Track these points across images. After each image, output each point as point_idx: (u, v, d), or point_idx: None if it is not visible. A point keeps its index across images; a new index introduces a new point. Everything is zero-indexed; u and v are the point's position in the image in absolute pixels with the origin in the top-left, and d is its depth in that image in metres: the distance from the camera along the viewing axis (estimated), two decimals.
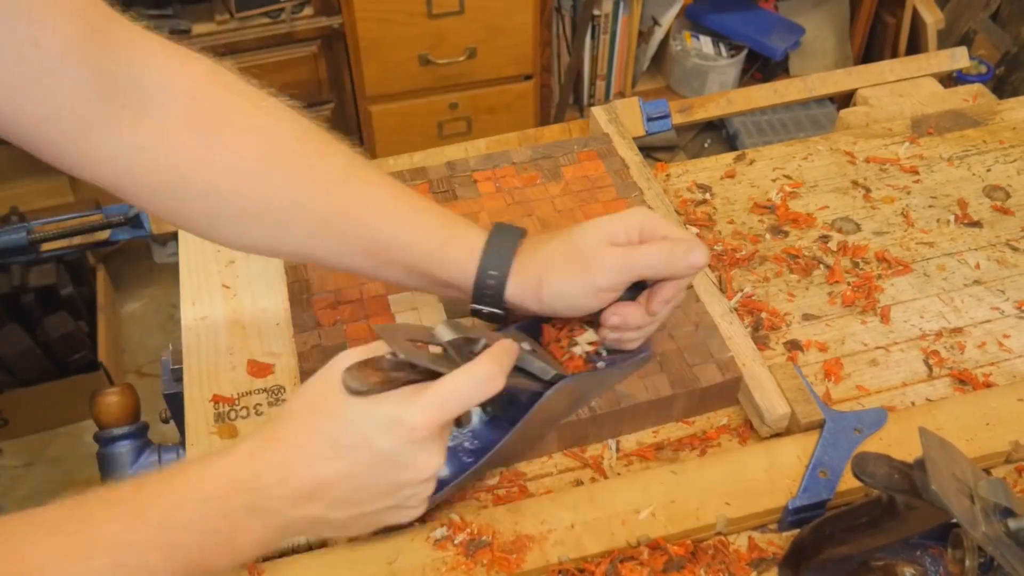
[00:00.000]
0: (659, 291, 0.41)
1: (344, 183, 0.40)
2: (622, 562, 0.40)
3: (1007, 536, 0.33)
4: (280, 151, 0.39)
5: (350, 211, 0.40)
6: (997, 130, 0.63)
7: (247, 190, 0.39)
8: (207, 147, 0.38)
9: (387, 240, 0.40)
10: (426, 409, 0.32)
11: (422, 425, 0.32)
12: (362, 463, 0.33)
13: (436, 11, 1.20)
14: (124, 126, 0.37)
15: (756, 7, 1.51)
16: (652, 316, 0.41)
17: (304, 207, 0.39)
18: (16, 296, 1.12)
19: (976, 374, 0.49)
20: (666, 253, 0.39)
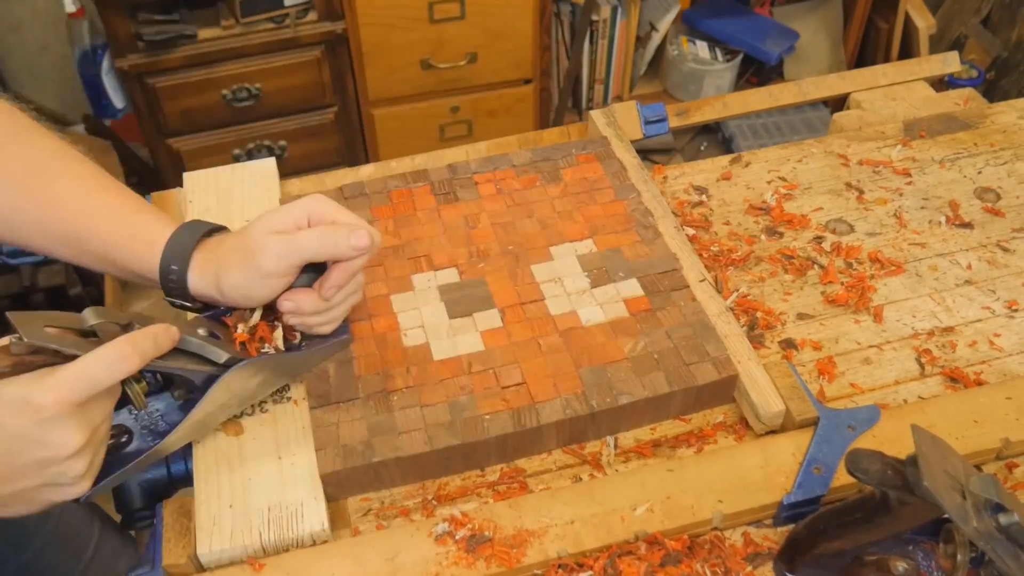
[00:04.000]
0: (327, 276, 0.43)
1: (39, 174, 0.42)
2: (620, 557, 0.40)
3: (998, 531, 0.34)
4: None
5: (42, 200, 0.42)
6: (988, 133, 0.64)
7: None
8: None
9: (78, 231, 0.42)
10: (54, 388, 0.34)
11: (51, 403, 0.33)
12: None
13: (438, 16, 1.21)
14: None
15: (751, 13, 1.53)
16: (327, 301, 0.43)
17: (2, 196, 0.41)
18: (25, 296, 1.12)
19: (967, 372, 0.49)
20: (327, 236, 0.41)
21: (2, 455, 0.34)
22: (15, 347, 0.34)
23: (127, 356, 0.35)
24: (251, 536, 0.41)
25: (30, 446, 0.34)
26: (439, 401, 0.45)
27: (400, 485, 0.45)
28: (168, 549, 0.41)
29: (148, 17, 1.15)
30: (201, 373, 0.41)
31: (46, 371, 0.34)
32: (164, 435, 0.41)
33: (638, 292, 0.51)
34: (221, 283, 0.42)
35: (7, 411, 0.34)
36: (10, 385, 0.34)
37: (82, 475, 0.36)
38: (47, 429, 0.34)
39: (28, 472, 0.35)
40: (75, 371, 0.34)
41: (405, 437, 0.44)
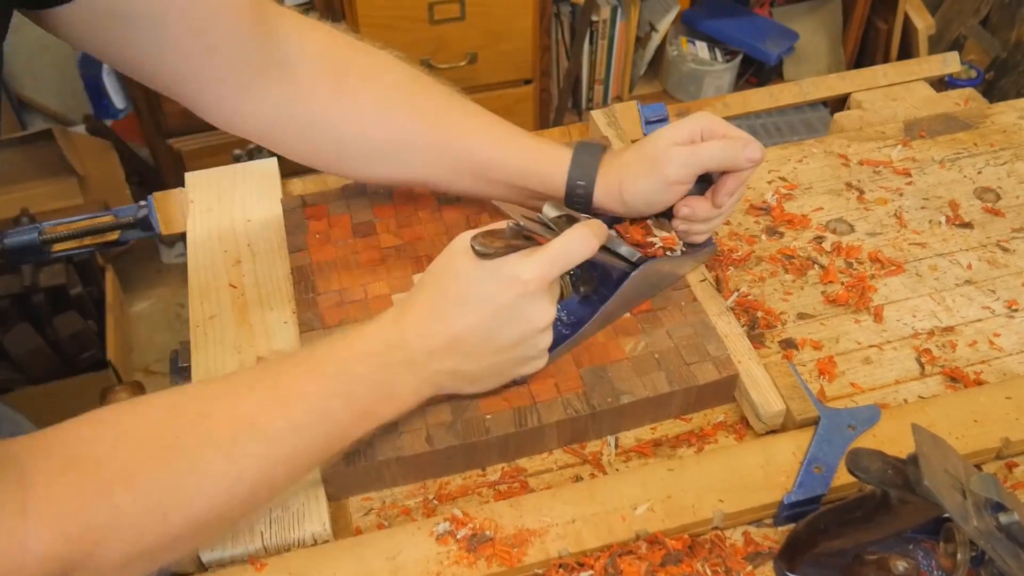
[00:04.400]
0: (722, 185, 0.47)
1: (447, 117, 0.48)
2: (621, 556, 0.40)
3: (998, 530, 0.34)
4: (393, 95, 0.47)
5: (455, 139, 0.48)
6: (987, 133, 0.64)
7: (369, 130, 0.47)
8: (336, 97, 0.46)
9: (488, 161, 0.47)
10: (538, 265, 0.39)
11: (535, 279, 0.39)
12: (487, 316, 0.39)
13: (438, 17, 1.21)
14: (273, 84, 0.45)
15: (751, 13, 1.53)
16: (718, 208, 0.47)
17: (417, 140, 0.47)
18: (27, 296, 1.12)
19: (967, 372, 0.49)
20: (727, 147, 0.45)
21: (490, 328, 0.39)
22: (509, 231, 0.39)
23: (589, 238, 0.40)
24: (252, 536, 0.41)
25: (515, 319, 0.39)
26: (440, 401, 0.45)
27: (401, 485, 0.45)
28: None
29: None
30: (619, 268, 0.46)
31: (528, 251, 0.39)
32: (572, 326, 0.46)
33: None
34: (625, 192, 0.46)
35: (499, 286, 0.39)
36: (504, 263, 0.39)
37: (545, 348, 0.42)
38: (530, 302, 0.39)
39: (508, 344, 0.40)
40: (553, 249, 0.39)
41: (406, 437, 0.44)
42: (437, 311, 0.39)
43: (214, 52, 0.42)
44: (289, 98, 0.46)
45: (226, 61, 0.43)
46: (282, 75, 0.45)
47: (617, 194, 0.46)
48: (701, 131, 0.46)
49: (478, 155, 0.47)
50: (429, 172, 0.48)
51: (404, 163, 0.48)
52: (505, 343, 0.40)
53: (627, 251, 0.46)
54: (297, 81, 0.46)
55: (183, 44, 0.41)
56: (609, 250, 0.45)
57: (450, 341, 0.39)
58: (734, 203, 0.48)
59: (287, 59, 0.45)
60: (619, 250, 0.46)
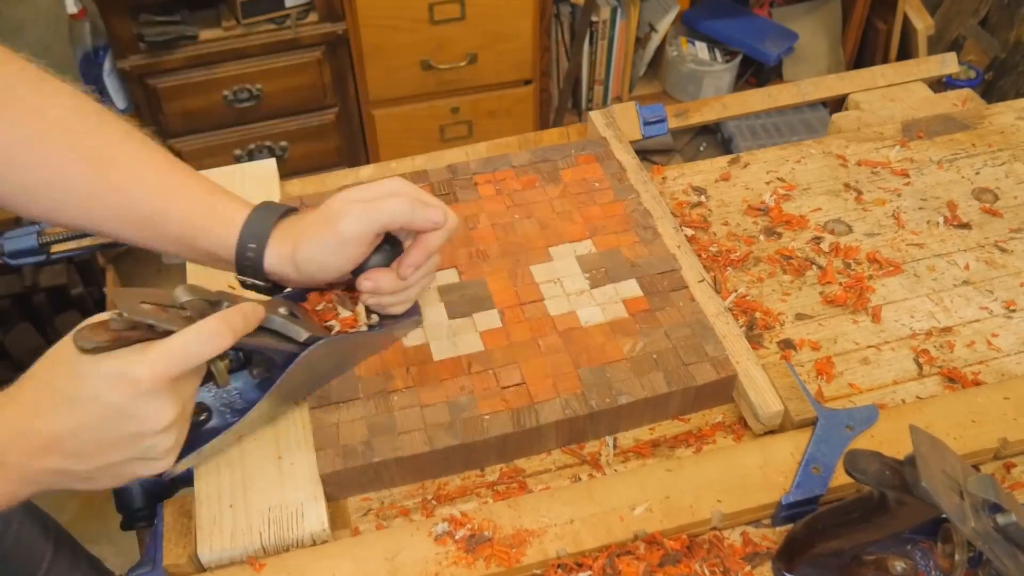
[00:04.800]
0: (406, 255, 0.44)
1: (112, 159, 0.42)
2: (619, 556, 0.40)
3: (995, 531, 0.34)
4: (52, 132, 0.42)
5: (116, 185, 0.42)
6: (986, 134, 0.64)
7: (21, 168, 0.41)
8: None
9: (153, 213, 0.43)
10: (151, 363, 0.35)
11: (147, 378, 0.34)
12: (93, 416, 0.35)
13: (438, 18, 1.21)
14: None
15: (750, 14, 1.53)
16: (404, 280, 0.44)
17: (74, 181, 0.42)
18: (27, 296, 1.13)
19: (965, 372, 0.49)
20: (407, 204, 0.42)
21: (97, 429, 0.35)
22: (115, 323, 0.35)
23: (221, 333, 0.36)
24: (251, 536, 0.41)
25: (124, 419, 0.35)
26: (439, 401, 0.45)
27: (400, 485, 0.45)
28: (169, 549, 0.41)
29: (149, 18, 1.16)
30: (283, 351, 0.42)
31: (142, 346, 0.35)
32: (243, 412, 0.42)
33: (637, 292, 0.51)
34: (298, 255, 0.42)
35: (105, 384, 0.34)
36: (109, 360, 0.34)
37: (170, 449, 0.37)
38: (142, 403, 0.35)
39: (120, 445, 0.36)
40: (171, 346, 0.35)
41: (405, 437, 0.44)
42: (39, 408, 0.35)
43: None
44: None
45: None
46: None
47: (290, 260, 0.42)
48: (388, 192, 0.43)
49: (143, 205, 0.42)
50: (90, 218, 0.43)
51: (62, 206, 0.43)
52: (115, 444, 0.36)
53: (294, 332, 0.41)
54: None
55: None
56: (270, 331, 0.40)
57: (50, 441, 0.35)
58: (424, 276, 0.45)
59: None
60: (284, 331, 0.41)
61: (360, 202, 0.42)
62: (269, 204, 0.44)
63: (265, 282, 0.44)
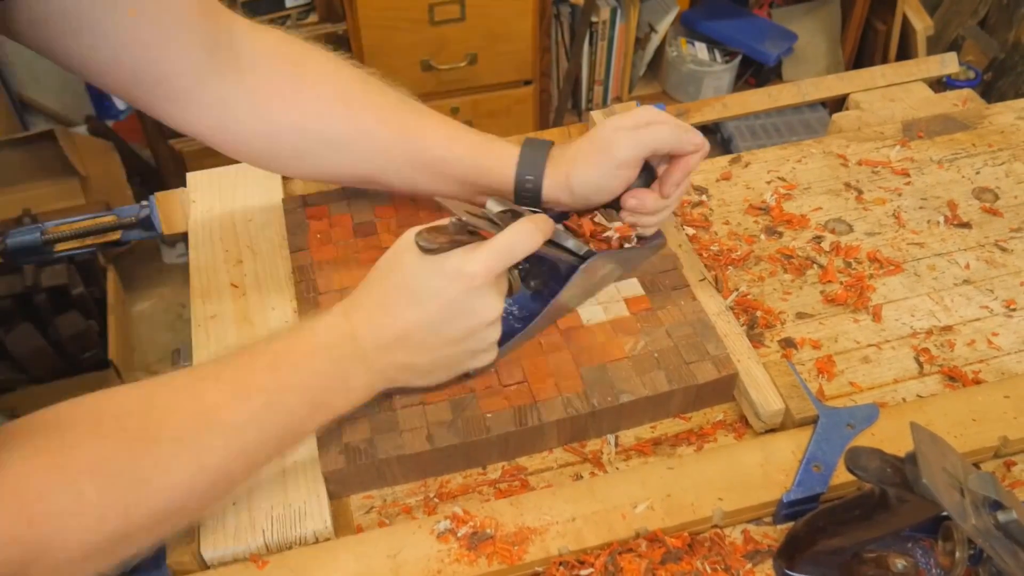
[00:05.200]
0: (669, 175, 0.48)
1: (401, 113, 0.49)
2: (621, 554, 0.41)
3: (996, 528, 0.34)
4: (350, 91, 0.48)
5: (409, 135, 0.48)
6: (985, 134, 0.64)
7: (328, 123, 0.47)
8: (294, 92, 0.47)
9: (440, 156, 0.48)
10: (483, 259, 0.39)
11: (480, 272, 0.39)
12: (434, 310, 0.39)
13: (438, 18, 1.21)
14: (228, 80, 0.45)
15: (750, 14, 1.53)
16: (665, 200, 0.48)
17: (372, 134, 0.48)
18: (29, 296, 1.13)
19: (966, 371, 0.50)
20: (672, 130, 0.46)
21: (438, 322, 0.40)
22: (453, 227, 0.39)
23: (533, 232, 0.40)
24: (254, 534, 0.41)
25: (463, 313, 0.40)
26: (441, 399, 0.45)
27: (402, 483, 0.45)
28: (172, 547, 0.41)
29: None
30: (567, 261, 0.46)
31: (473, 246, 0.40)
32: (523, 320, 0.46)
33: (638, 291, 0.51)
34: (572, 180, 0.46)
35: (446, 281, 0.39)
36: (448, 258, 0.39)
37: (494, 342, 0.42)
38: (477, 296, 0.40)
39: (457, 338, 0.41)
40: (497, 244, 0.40)
41: (407, 435, 0.44)
42: (385, 306, 0.40)
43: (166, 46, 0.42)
44: (245, 96, 0.46)
45: (179, 56, 0.42)
46: (237, 71, 0.45)
47: (565, 185, 0.47)
48: (647, 120, 0.47)
49: (430, 150, 0.48)
50: (384, 167, 0.49)
51: (360, 158, 0.48)
52: (453, 337, 0.40)
53: (574, 245, 0.46)
54: (253, 78, 0.46)
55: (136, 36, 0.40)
56: (556, 244, 0.45)
57: (399, 335, 0.40)
58: (680, 194, 0.49)
59: (241, 55, 0.45)
60: (566, 244, 0.46)
61: (628, 129, 0.46)
62: (534, 141, 0.48)
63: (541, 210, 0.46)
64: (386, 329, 0.39)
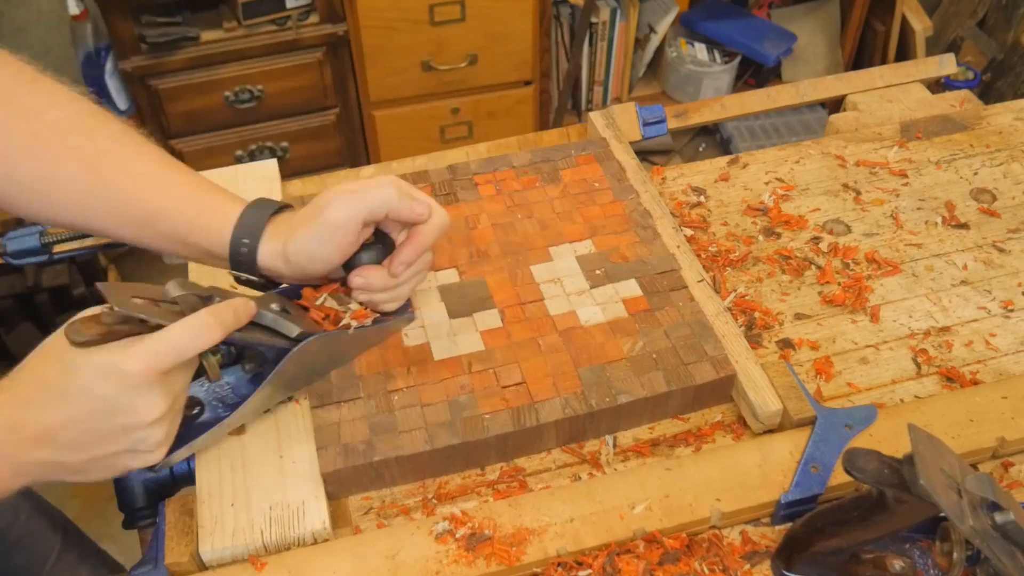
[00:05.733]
0: (398, 252, 0.44)
1: (109, 159, 0.43)
2: (619, 555, 0.41)
3: (993, 529, 0.34)
4: (48, 132, 0.42)
5: (113, 184, 0.43)
6: (984, 135, 0.65)
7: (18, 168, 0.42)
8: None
9: (149, 212, 0.43)
10: (141, 355, 0.35)
11: (138, 371, 0.35)
12: (85, 408, 0.35)
13: (438, 19, 1.21)
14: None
15: (749, 15, 1.53)
16: (395, 278, 0.44)
17: (70, 181, 0.43)
18: (30, 296, 1.13)
19: (963, 372, 0.50)
20: (393, 192, 0.42)
21: (88, 421, 0.36)
22: (106, 317, 0.35)
23: (211, 327, 0.37)
24: (253, 535, 0.41)
25: (117, 412, 0.36)
26: (439, 400, 0.46)
27: (401, 484, 0.45)
28: (171, 548, 0.41)
29: (151, 19, 1.16)
30: (274, 346, 0.42)
31: (134, 339, 0.36)
32: (235, 406, 0.42)
33: (637, 292, 0.51)
34: (288, 248, 0.43)
35: (96, 377, 0.35)
36: (100, 353, 0.35)
37: (160, 442, 0.38)
38: (133, 395, 0.35)
39: (111, 438, 0.36)
40: (162, 340, 0.36)
41: (406, 436, 0.44)
42: (31, 400, 0.36)
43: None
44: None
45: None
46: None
47: (281, 253, 0.43)
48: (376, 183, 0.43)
49: (139, 203, 0.43)
50: (87, 217, 0.44)
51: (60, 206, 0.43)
52: (106, 436, 0.36)
53: (285, 327, 0.42)
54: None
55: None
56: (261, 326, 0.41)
57: (42, 433, 0.35)
58: (415, 275, 0.45)
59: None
60: (276, 327, 0.41)
61: (347, 191, 0.43)
62: (263, 201, 0.44)
63: (259, 279, 0.44)
64: (27, 427, 0.35)
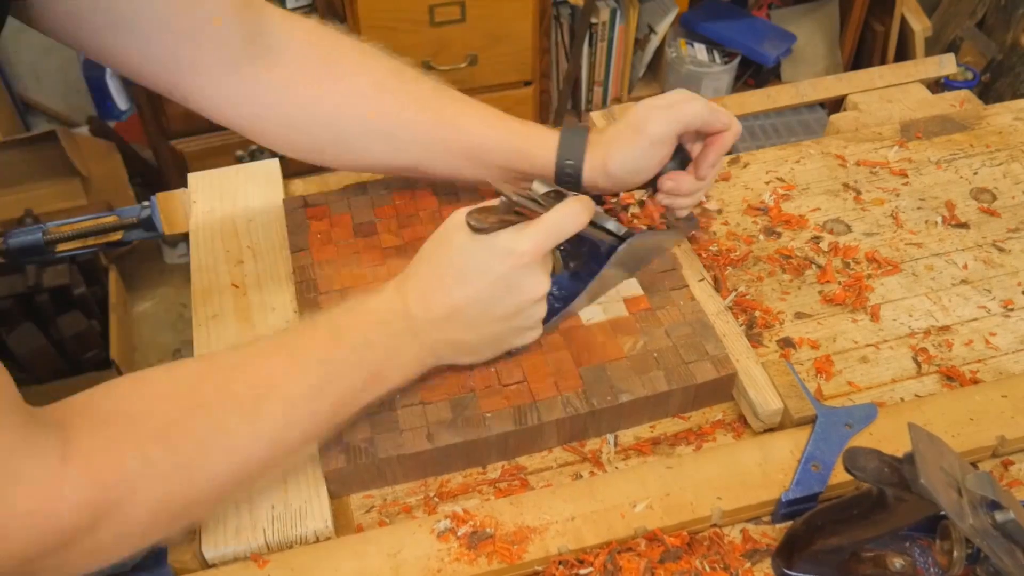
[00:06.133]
0: (703, 156, 0.49)
1: (440, 101, 0.49)
2: (620, 553, 0.41)
3: (993, 528, 0.34)
4: (386, 80, 0.49)
5: (448, 122, 0.49)
6: (983, 134, 0.65)
7: (365, 113, 0.48)
8: (330, 82, 0.47)
9: (479, 143, 0.49)
10: (532, 237, 0.40)
11: (529, 251, 0.40)
12: (484, 287, 0.40)
13: (438, 19, 1.22)
14: (262, 70, 0.45)
15: (749, 15, 1.54)
16: (700, 181, 0.49)
17: (413, 122, 0.48)
18: (31, 296, 1.13)
19: (963, 371, 0.50)
20: (703, 106, 0.47)
21: (487, 299, 0.41)
22: (502, 207, 0.40)
23: (580, 212, 0.42)
24: (255, 533, 0.41)
25: (512, 290, 0.41)
26: (441, 399, 0.46)
27: (402, 482, 0.45)
28: (174, 546, 0.41)
29: None
30: (607, 242, 0.48)
31: (523, 225, 0.40)
32: (564, 300, 0.47)
33: (637, 291, 0.51)
34: (609, 162, 0.47)
35: (496, 259, 0.40)
36: (499, 236, 0.40)
37: (540, 319, 0.43)
38: (525, 273, 0.41)
39: (505, 315, 0.41)
40: (545, 223, 0.41)
41: (407, 435, 0.44)
42: (436, 283, 0.41)
43: (200, 35, 0.42)
44: (280, 84, 0.46)
45: (213, 45, 0.43)
46: (272, 61, 0.45)
47: (603, 168, 0.48)
48: (679, 99, 0.48)
49: (470, 137, 0.48)
50: (423, 155, 0.49)
51: (398, 146, 0.48)
52: (502, 313, 0.41)
53: (614, 226, 0.47)
54: (288, 66, 0.46)
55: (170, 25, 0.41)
56: (597, 225, 0.46)
57: (449, 311, 0.40)
58: (714, 176, 0.50)
59: (276, 46, 0.46)
60: (606, 225, 0.47)
61: (661, 107, 0.47)
62: (573, 127, 0.49)
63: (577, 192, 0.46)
64: (437, 306, 0.40)
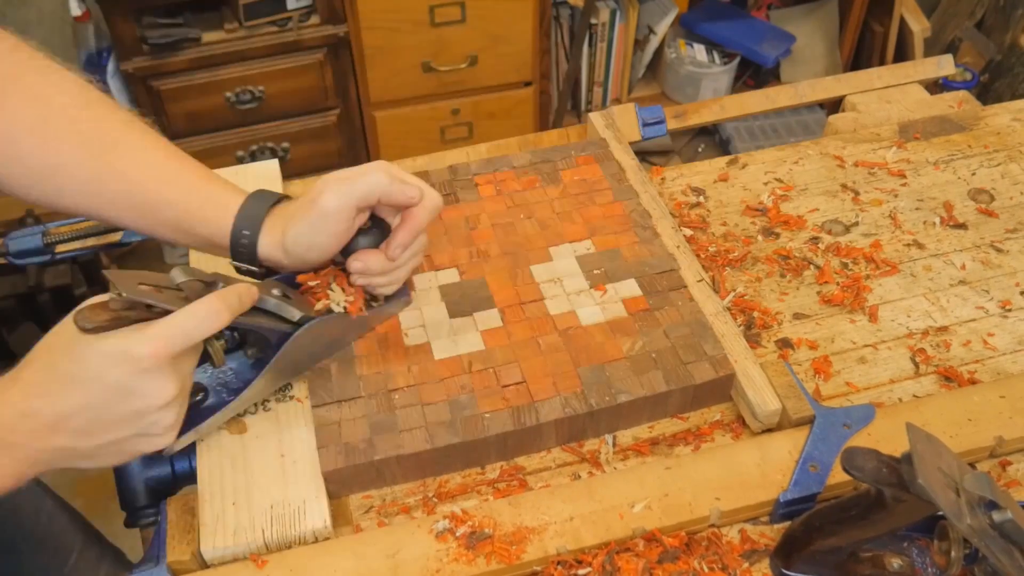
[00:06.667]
0: (393, 236, 0.45)
1: (114, 146, 0.44)
2: (618, 553, 0.41)
3: (991, 528, 0.34)
4: (56, 119, 0.43)
5: (117, 171, 0.43)
6: (982, 135, 0.65)
7: (25, 152, 0.43)
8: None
9: (154, 200, 0.44)
10: (151, 340, 0.36)
11: (148, 355, 0.35)
12: (96, 394, 0.36)
13: (439, 20, 1.22)
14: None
15: (748, 16, 1.54)
16: (392, 262, 0.46)
17: (74, 169, 0.43)
18: (32, 296, 1.13)
19: (961, 371, 0.50)
20: (384, 177, 0.43)
21: (99, 406, 0.36)
22: (113, 303, 0.36)
23: (218, 311, 0.37)
24: (254, 533, 0.41)
25: (127, 397, 0.36)
26: (440, 400, 0.46)
27: (401, 483, 0.45)
28: (172, 546, 0.42)
29: (153, 20, 1.16)
30: (277, 330, 0.43)
31: (142, 325, 0.36)
32: (238, 391, 0.43)
33: (636, 292, 0.51)
34: (286, 238, 0.43)
35: (106, 363, 0.35)
36: (110, 338, 0.35)
37: (171, 426, 0.38)
38: (144, 379, 0.36)
39: (123, 422, 0.37)
40: (171, 325, 0.36)
41: (406, 435, 0.44)
42: (42, 388, 0.36)
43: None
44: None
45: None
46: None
47: (280, 244, 0.44)
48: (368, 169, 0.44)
49: (142, 192, 0.43)
50: (89, 204, 0.44)
51: (61, 192, 0.44)
52: (118, 421, 0.37)
53: (287, 311, 0.43)
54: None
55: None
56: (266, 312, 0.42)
57: (55, 420, 0.36)
58: (412, 257, 0.47)
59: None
60: (279, 311, 0.42)
61: (339, 179, 0.43)
62: (263, 192, 0.45)
63: (259, 268, 0.45)
64: (40, 415, 0.35)
